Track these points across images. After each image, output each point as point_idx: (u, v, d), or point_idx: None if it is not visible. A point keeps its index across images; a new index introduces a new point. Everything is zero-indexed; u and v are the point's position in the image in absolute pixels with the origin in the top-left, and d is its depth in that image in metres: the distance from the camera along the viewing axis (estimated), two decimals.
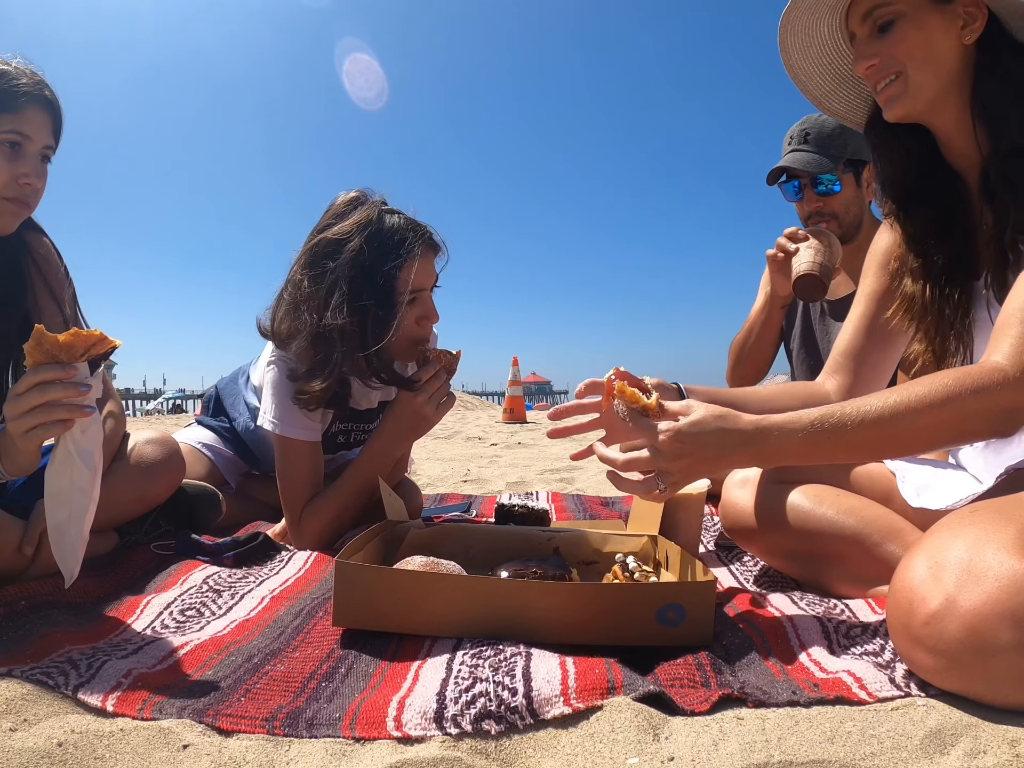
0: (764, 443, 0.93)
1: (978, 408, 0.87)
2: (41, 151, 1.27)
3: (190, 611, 1.13)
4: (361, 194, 1.51)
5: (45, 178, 1.30)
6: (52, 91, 1.28)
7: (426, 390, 1.49)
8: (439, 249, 1.51)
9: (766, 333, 2.06)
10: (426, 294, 1.48)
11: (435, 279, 1.51)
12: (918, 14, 1.03)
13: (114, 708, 0.79)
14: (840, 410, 0.91)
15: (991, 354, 0.90)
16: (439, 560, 1.09)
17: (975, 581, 0.72)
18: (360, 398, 1.68)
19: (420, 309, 1.48)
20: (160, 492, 1.51)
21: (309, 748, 0.72)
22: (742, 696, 0.78)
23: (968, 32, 1.02)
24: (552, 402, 42.40)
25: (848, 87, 1.23)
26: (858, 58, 1.08)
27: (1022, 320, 0.89)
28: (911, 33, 1.03)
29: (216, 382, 2.10)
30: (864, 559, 1.11)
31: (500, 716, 0.75)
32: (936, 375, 0.90)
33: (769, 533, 1.20)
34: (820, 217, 1.88)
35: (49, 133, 1.27)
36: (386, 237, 1.42)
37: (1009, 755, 0.65)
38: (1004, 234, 1.00)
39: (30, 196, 1.28)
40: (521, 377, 8.06)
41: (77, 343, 0.97)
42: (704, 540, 1.61)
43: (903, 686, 0.78)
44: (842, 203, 1.87)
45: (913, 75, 1.04)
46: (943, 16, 1.02)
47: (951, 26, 1.02)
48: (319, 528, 1.53)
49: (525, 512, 1.70)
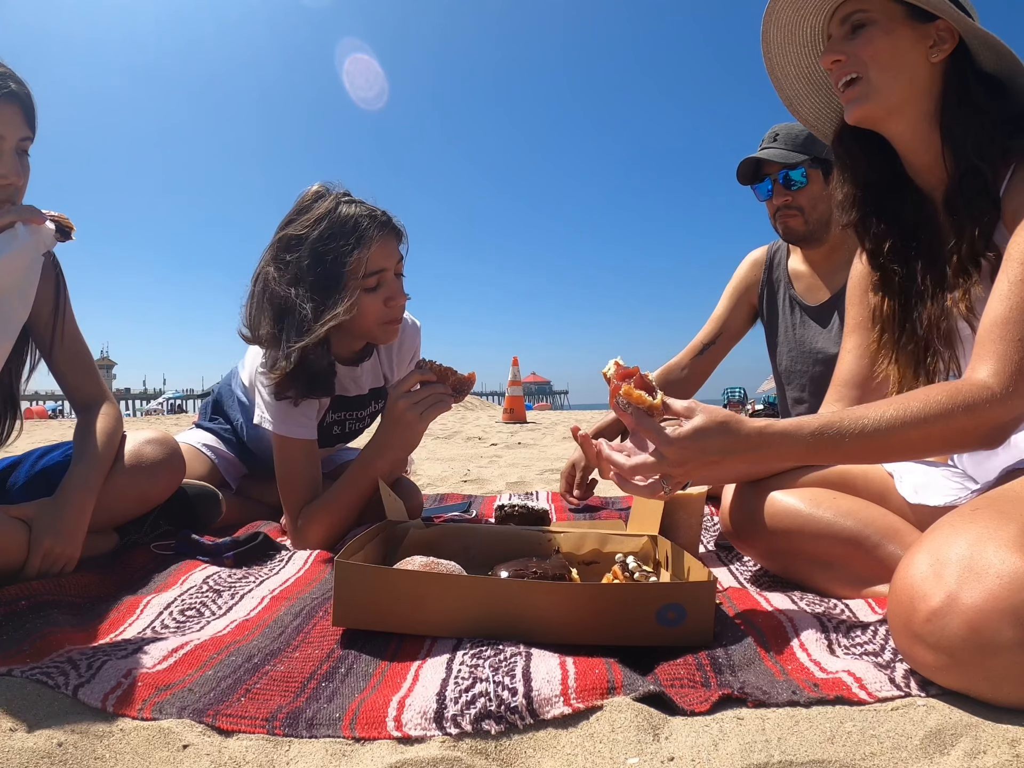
0: (766, 448, 0.97)
1: (968, 424, 0.92)
2: (17, 145, 1.23)
3: (190, 611, 1.13)
4: (323, 187, 1.54)
5: (27, 172, 1.26)
6: (18, 79, 1.22)
7: (411, 396, 1.47)
8: (398, 232, 1.54)
9: None
10: (389, 275, 1.50)
11: (397, 260, 1.53)
12: (891, 24, 1.07)
13: (114, 708, 0.79)
14: (839, 421, 0.95)
15: (976, 370, 0.94)
16: (439, 560, 1.09)
17: (977, 578, 0.72)
18: (348, 384, 1.70)
19: (385, 290, 1.50)
20: (160, 492, 1.51)
21: (309, 748, 0.72)
22: (742, 696, 0.78)
23: (936, 52, 1.06)
24: (552, 402, 42.38)
25: (819, 93, 1.25)
26: (826, 52, 1.12)
27: (1001, 336, 0.93)
28: (879, 38, 1.07)
29: (214, 385, 2.11)
30: (863, 560, 1.11)
31: (500, 716, 0.75)
32: (930, 390, 0.95)
33: (768, 537, 1.21)
34: (787, 210, 1.90)
35: (21, 124, 1.22)
36: (342, 225, 1.46)
37: (1009, 755, 0.65)
38: (963, 250, 1.04)
39: (13, 195, 1.25)
40: (521, 377, 8.07)
41: None
42: (704, 540, 1.61)
43: (903, 686, 0.78)
44: (808, 197, 1.89)
45: (874, 78, 1.08)
46: (915, 32, 1.07)
47: (920, 42, 1.07)
48: (317, 535, 1.53)
49: (525, 512, 1.70)
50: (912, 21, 1.06)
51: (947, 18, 1.04)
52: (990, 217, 1.02)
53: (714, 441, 0.95)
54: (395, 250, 1.52)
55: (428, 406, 1.47)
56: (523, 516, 1.69)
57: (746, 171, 1.96)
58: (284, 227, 1.51)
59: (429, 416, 1.48)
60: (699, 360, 2.16)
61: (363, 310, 1.48)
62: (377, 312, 1.50)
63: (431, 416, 1.48)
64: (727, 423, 0.96)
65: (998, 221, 1.02)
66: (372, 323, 1.52)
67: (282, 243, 1.49)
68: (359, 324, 1.51)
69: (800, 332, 2.01)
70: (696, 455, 0.96)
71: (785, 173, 1.88)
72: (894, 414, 0.93)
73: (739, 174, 1.97)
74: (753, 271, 2.15)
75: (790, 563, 1.22)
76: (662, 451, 0.97)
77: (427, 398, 1.47)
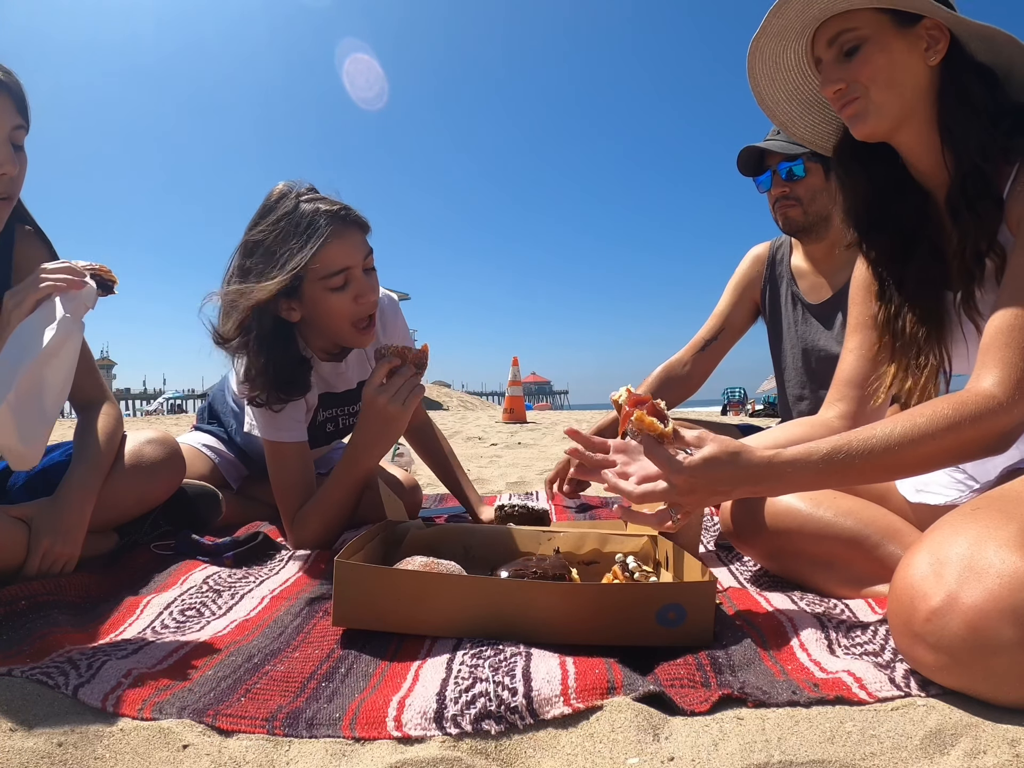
0: (777, 479, 0.97)
1: (976, 435, 0.91)
2: (9, 135, 1.20)
3: (190, 611, 1.13)
4: (286, 186, 1.48)
5: (24, 163, 1.24)
6: (5, 69, 1.20)
7: (387, 389, 1.39)
8: (362, 225, 1.47)
9: None
10: (356, 272, 1.44)
11: (364, 255, 1.46)
12: (882, 38, 1.05)
13: (114, 708, 0.79)
14: (847, 444, 0.94)
15: (980, 379, 0.94)
16: (439, 560, 1.09)
17: (977, 578, 0.72)
18: (334, 380, 1.69)
19: (354, 288, 1.44)
20: (160, 492, 1.51)
21: (309, 748, 0.72)
22: (742, 696, 0.78)
23: (932, 54, 1.04)
24: (552, 402, 42.34)
25: (813, 112, 1.24)
26: (825, 82, 1.10)
27: (1006, 343, 0.93)
28: (875, 56, 1.05)
29: (211, 387, 2.13)
30: (863, 560, 1.11)
31: (500, 716, 0.75)
32: (936, 404, 0.94)
33: (768, 537, 1.21)
34: (785, 202, 1.90)
35: (13, 113, 1.20)
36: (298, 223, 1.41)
37: (1009, 755, 0.65)
38: (966, 251, 1.03)
39: (8, 186, 1.24)
40: (521, 377, 8.07)
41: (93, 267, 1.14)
42: (704, 540, 1.61)
43: (903, 686, 0.78)
44: (807, 189, 1.88)
45: (876, 97, 1.06)
46: (906, 39, 1.04)
47: (915, 48, 1.05)
48: (311, 537, 1.52)
49: (525, 512, 1.70)
50: (900, 28, 1.04)
51: (933, 16, 1.02)
52: (993, 218, 1.01)
53: (724, 472, 0.96)
54: (359, 244, 1.45)
55: (408, 393, 1.40)
56: (523, 516, 1.69)
57: (747, 160, 1.96)
58: (247, 232, 1.46)
59: (412, 403, 1.41)
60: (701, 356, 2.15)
61: (333, 310, 1.44)
62: (347, 311, 1.45)
63: (414, 403, 1.42)
64: (738, 454, 0.96)
65: (1001, 223, 1.01)
66: (344, 323, 1.47)
67: (245, 249, 1.45)
68: (331, 325, 1.47)
69: (802, 329, 2.01)
70: (706, 485, 0.97)
71: (785, 164, 1.88)
72: (902, 431, 0.92)
73: (739, 163, 1.97)
74: (755, 267, 2.15)
75: (790, 563, 1.22)
76: (672, 480, 0.97)
77: (404, 385, 1.40)
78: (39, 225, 1.42)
